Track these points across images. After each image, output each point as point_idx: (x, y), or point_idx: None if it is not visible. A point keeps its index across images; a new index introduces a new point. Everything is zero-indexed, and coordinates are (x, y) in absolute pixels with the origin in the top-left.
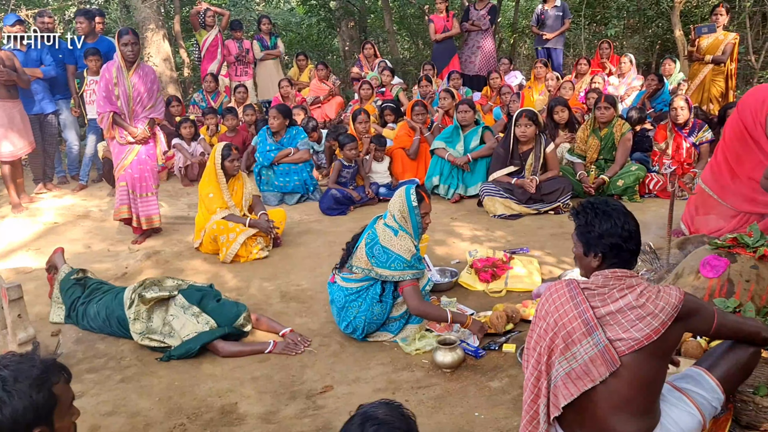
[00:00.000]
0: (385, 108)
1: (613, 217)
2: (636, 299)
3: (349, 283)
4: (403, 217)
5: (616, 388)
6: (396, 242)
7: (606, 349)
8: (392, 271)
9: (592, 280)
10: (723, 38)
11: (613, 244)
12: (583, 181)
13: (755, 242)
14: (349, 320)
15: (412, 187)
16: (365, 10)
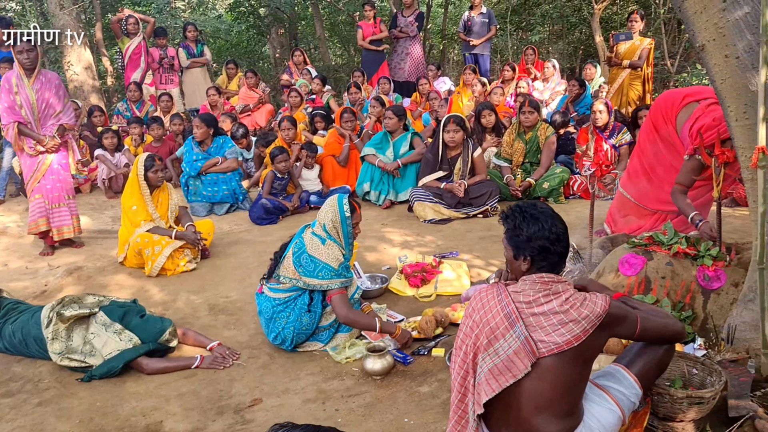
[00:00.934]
0: (315, 115)
1: (540, 220)
2: (560, 305)
3: (276, 293)
4: (334, 227)
5: (539, 390)
6: (323, 251)
7: (527, 341)
8: (320, 280)
9: (520, 285)
10: (639, 44)
11: (541, 246)
12: (510, 185)
13: (670, 240)
14: (278, 331)
15: (344, 197)
16: (295, 17)
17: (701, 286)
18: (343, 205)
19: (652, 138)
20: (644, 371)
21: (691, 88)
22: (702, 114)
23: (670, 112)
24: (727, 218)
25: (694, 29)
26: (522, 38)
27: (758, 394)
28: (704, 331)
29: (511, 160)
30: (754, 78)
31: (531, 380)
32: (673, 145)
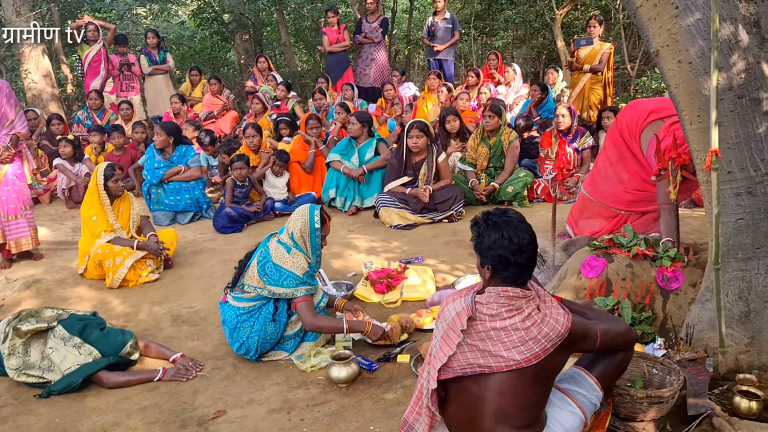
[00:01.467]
0: (280, 122)
1: (501, 228)
2: (522, 322)
3: (241, 302)
4: (302, 237)
5: (499, 404)
6: (288, 259)
7: (473, 303)
8: (284, 288)
9: (485, 296)
10: (599, 48)
11: (500, 256)
12: (475, 189)
13: (629, 242)
14: (242, 341)
15: (316, 209)
16: (260, 23)
17: (660, 286)
18: (314, 216)
19: (618, 144)
20: (605, 373)
21: (657, 101)
22: (667, 133)
23: (635, 128)
24: (685, 219)
25: (648, 35)
26: (486, 43)
27: (716, 392)
28: (664, 331)
29: (475, 164)
30: (706, 83)
31: (492, 394)
32: (638, 158)
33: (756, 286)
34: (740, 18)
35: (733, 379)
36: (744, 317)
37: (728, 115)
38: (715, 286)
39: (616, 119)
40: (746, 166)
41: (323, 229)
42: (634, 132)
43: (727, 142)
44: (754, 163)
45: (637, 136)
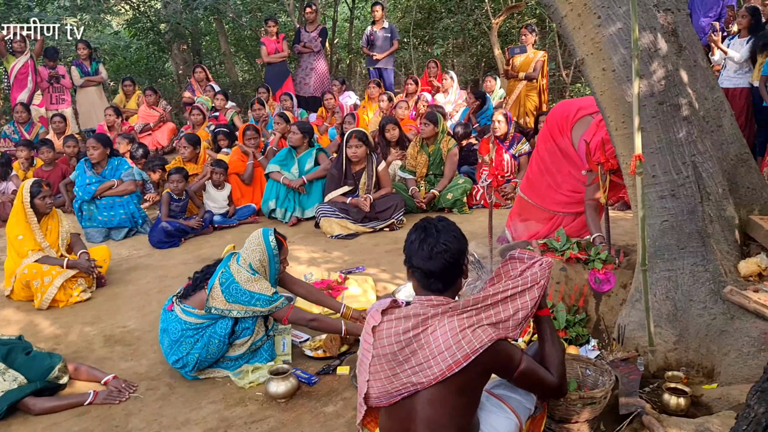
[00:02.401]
0: (219, 133)
1: (420, 234)
2: (435, 329)
3: (189, 317)
4: (262, 266)
5: (429, 415)
6: (254, 284)
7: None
8: (261, 307)
9: (412, 304)
10: (533, 56)
11: (411, 263)
12: (415, 197)
13: (562, 246)
14: (181, 355)
15: (270, 232)
16: (198, 32)
17: (593, 289)
18: (270, 241)
19: (550, 146)
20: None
21: (584, 100)
22: (597, 130)
23: (565, 125)
24: (619, 221)
25: (574, 44)
26: (426, 52)
27: (647, 390)
28: (597, 332)
29: (415, 172)
30: (629, 90)
31: (422, 405)
32: (570, 156)
33: (682, 286)
34: (659, 27)
35: (662, 376)
36: (671, 316)
37: (650, 120)
38: (643, 286)
39: (546, 120)
40: (669, 169)
41: (282, 252)
42: (565, 130)
43: (651, 147)
44: (677, 167)
45: (569, 133)
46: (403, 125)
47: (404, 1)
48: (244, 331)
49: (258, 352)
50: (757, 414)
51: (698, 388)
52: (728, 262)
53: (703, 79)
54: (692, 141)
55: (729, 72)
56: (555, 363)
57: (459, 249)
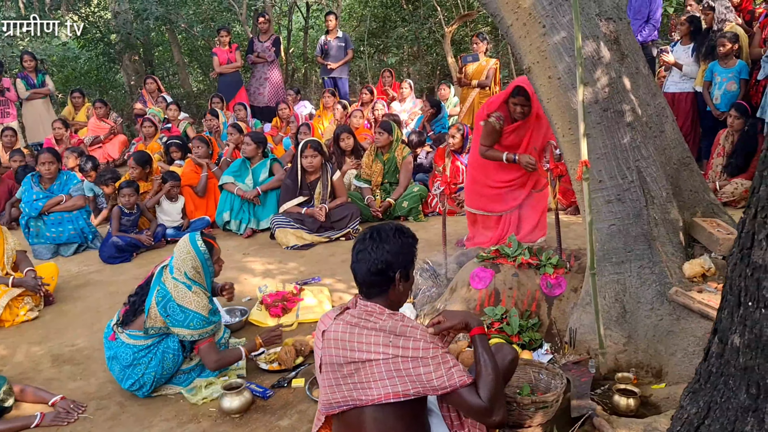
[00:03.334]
0: (171, 145)
1: (360, 235)
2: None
3: (137, 340)
4: (197, 272)
5: (379, 429)
6: (192, 298)
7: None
8: (191, 330)
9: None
10: (485, 64)
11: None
12: (371, 206)
13: (514, 252)
14: (137, 377)
15: (196, 236)
16: (150, 43)
17: (545, 293)
18: (198, 246)
19: (475, 144)
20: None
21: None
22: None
23: (479, 118)
24: (572, 225)
25: (520, 52)
26: (381, 60)
27: (598, 392)
28: (550, 336)
29: (370, 181)
30: (574, 97)
31: (369, 420)
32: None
33: (630, 288)
34: (601, 36)
35: (613, 378)
36: (620, 318)
37: (595, 127)
38: (593, 290)
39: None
40: (615, 174)
41: (213, 253)
42: (478, 120)
43: (596, 153)
44: (622, 172)
45: (480, 121)
46: (357, 134)
47: (359, 11)
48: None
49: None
50: (689, 414)
51: (647, 388)
52: (673, 264)
53: (645, 86)
54: (636, 146)
55: (675, 77)
56: (484, 385)
57: (384, 260)
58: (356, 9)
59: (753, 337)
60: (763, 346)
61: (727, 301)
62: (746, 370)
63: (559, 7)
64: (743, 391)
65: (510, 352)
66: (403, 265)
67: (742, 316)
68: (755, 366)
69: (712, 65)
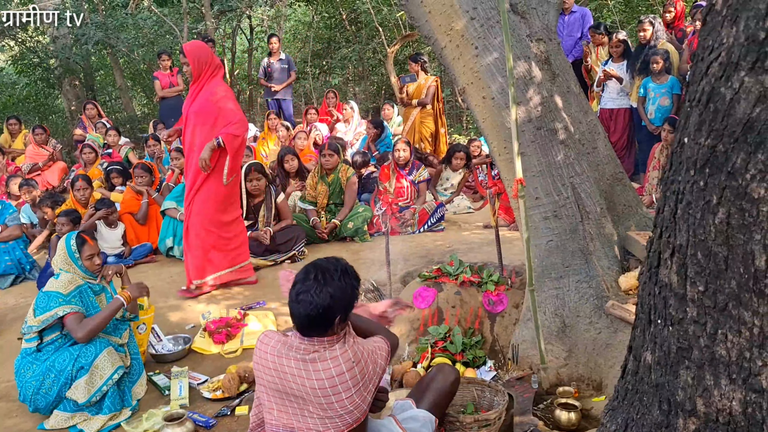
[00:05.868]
0: (111, 171)
1: (300, 272)
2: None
3: (28, 343)
4: (67, 263)
5: None
6: (55, 284)
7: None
8: (50, 311)
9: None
10: (424, 83)
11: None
12: (316, 227)
13: (456, 270)
14: (21, 385)
15: (72, 235)
16: (90, 67)
17: (487, 310)
18: (71, 244)
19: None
20: (435, 402)
21: None
22: None
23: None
24: (515, 242)
25: (455, 74)
26: (326, 81)
27: (541, 407)
28: (493, 353)
29: (315, 202)
30: (508, 116)
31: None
32: None
33: (569, 303)
34: (532, 56)
35: (555, 392)
36: (561, 333)
37: (530, 145)
38: (532, 306)
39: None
40: (550, 191)
41: (84, 249)
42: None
43: (532, 171)
44: (557, 189)
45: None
46: (302, 156)
47: (303, 32)
48: (80, 371)
49: (102, 401)
50: None
51: (588, 401)
52: (609, 278)
53: (577, 104)
54: (570, 163)
55: (612, 94)
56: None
57: (326, 305)
58: (300, 30)
59: (662, 354)
60: (672, 363)
61: (639, 319)
62: (658, 387)
63: (491, 29)
64: (656, 407)
65: (451, 372)
66: (344, 310)
67: (652, 334)
68: (665, 383)
69: (645, 81)
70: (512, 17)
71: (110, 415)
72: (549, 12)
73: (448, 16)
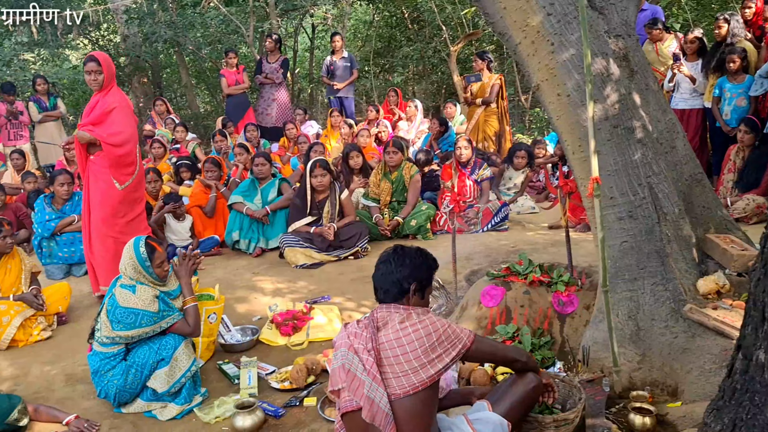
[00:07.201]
0: (180, 165)
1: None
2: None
3: (105, 347)
4: (138, 273)
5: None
6: (135, 300)
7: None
8: (145, 328)
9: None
10: (488, 82)
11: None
12: (379, 224)
13: (525, 270)
14: (102, 385)
15: (140, 240)
16: (158, 65)
17: (556, 311)
18: (140, 249)
19: None
20: (512, 408)
21: None
22: None
23: None
24: (581, 243)
25: (529, 70)
26: (387, 80)
27: (613, 411)
28: (562, 354)
29: (378, 199)
30: (583, 114)
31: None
32: None
33: (643, 306)
34: (610, 53)
35: (628, 396)
36: (634, 336)
37: (606, 143)
38: (606, 307)
39: None
40: (626, 191)
41: (155, 257)
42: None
43: (607, 170)
44: (633, 188)
45: None
46: (365, 153)
47: (364, 31)
48: (160, 362)
49: (179, 392)
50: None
51: (663, 406)
52: (687, 281)
53: (656, 102)
54: (647, 162)
55: (684, 94)
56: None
57: (400, 271)
58: (361, 29)
59: None
60: None
61: (750, 317)
62: None
63: (568, 25)
64: None
65: (533, 379)
66: (418, 279)
67: (765, 332)
68: None
69: (720, 81)
70: (590, 13)
71: (185, 404)
72: (628, 7)
73: (523, 11)
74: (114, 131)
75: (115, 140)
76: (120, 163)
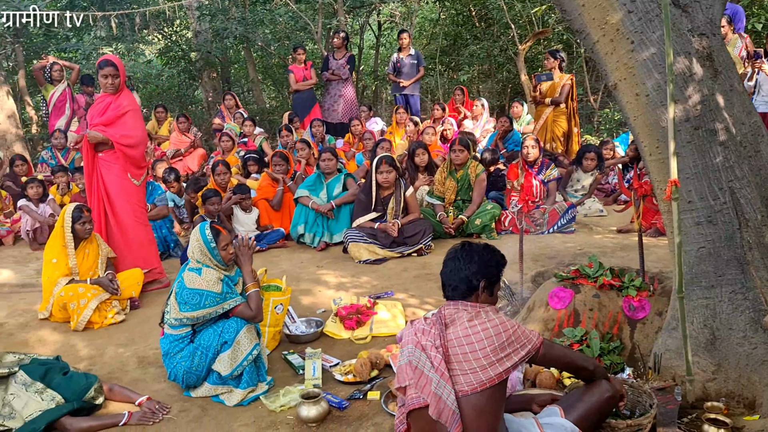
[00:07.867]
0: (248, 159)
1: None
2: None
3: (175, 330)
4: (204, 255)
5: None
6: (201, 281)
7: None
8: (208, 308)
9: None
10: (559, 81)
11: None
12: (444, 222)
13: (595, 273)
14: (171, 367)
15: (206, 224)
16: (227, 60)
17: (627, 316)
18: (206, 232)
19: None
20: (584, 416)
21: None
22: None
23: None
24: (651, 248)
25: (606, 69)
26: (452, 78)
27: (685, 421)
28: (632, 360)
29: (443, 197)
30: (663, 115)
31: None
32: None
33: (720, 314)
34: (693, 52)
35: (701, 407)
36: (710, 345)
37: (686, 146)
38: (680, 314)
39: None
40: (705, 195)
41: (219, 239)
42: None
43: (686, 173)
44: (713, 192)
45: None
46: (430, 150)
47: (429, 29)
48: (224, 345)
49: (241, 376)
50: None
51: (739, 419)
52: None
53: (740, 104)
54: (729, 166)
55: (766, 96)
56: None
57: (468, 268)
58: (426, 27)
59: None
60: None
61: None
62: None
63: (649, 23)
64: None
65: (609, 389)
66: (487, 276)
67: None
68: None
69: None
70: (673, 11)
71: (248, 389)
72: (714, 5)
73: (603, 9)
74: (126, 133)
75: (127, 141)
76: (133, 164)
